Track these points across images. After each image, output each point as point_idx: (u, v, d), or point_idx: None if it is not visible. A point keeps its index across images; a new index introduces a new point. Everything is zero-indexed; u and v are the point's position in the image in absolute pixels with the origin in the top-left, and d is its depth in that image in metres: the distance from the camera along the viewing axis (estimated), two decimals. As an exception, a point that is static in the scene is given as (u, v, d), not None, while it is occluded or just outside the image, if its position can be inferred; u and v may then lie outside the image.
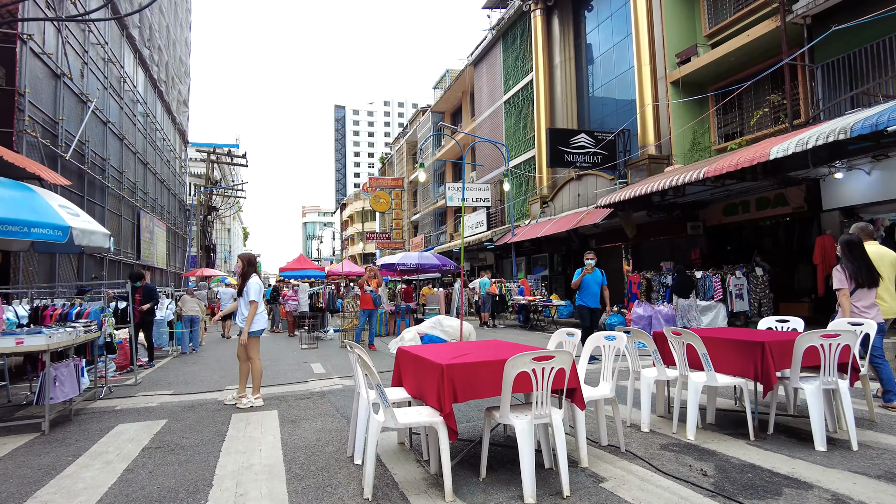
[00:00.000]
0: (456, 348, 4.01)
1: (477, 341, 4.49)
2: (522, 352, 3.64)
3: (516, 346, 4.03)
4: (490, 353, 3.70)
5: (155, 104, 23.02)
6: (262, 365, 5.99)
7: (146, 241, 20.61)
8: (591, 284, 8.84)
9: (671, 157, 16.41)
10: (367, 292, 10.77)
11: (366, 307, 10.89)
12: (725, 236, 15.95)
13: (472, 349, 3.92)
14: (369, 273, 11.27)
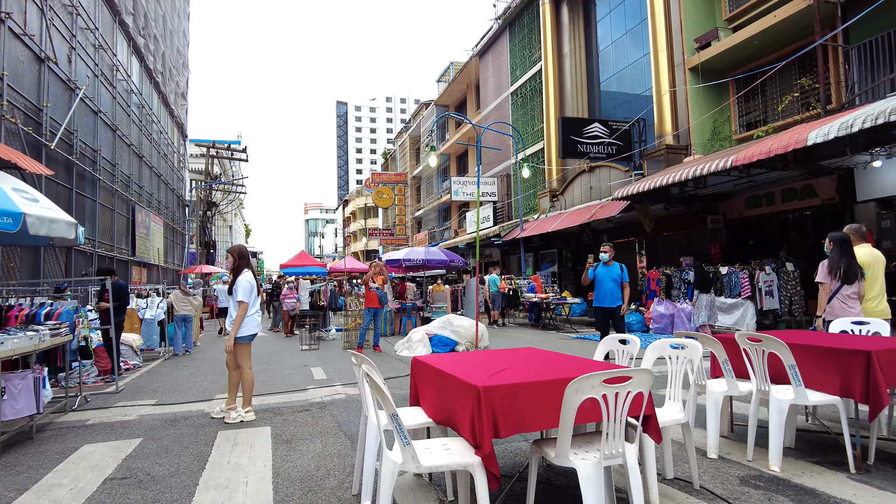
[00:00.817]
0: (487, 360, 3.25)
1: (509, 350, 3.73)
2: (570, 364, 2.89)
3: (559, 358, 3.27)
4: (534, 367, 2.93)
5: (151, 95, 22.27)
6: (253, 374, 5.24)
7: (141, 237, 19.89)
8: (603, 280, 7.53)
9: (690, 147, 15.61)
10: (373, 290, 10.00)
11: (371, 305, 10.13)
12: (747, 230, 15.16)
13: (507, 361, 3.16)
14: (374, 269, 10.51)
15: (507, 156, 26.55)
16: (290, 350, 11.13)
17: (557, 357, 3.31)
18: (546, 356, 3.36)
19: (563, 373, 2.66)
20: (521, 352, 3.63)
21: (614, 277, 7.54)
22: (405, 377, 7.11)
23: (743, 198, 14.64)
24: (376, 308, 10.20)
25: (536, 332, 13.64)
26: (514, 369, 2.85)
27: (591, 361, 3.15)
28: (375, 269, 10.54)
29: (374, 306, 10.15)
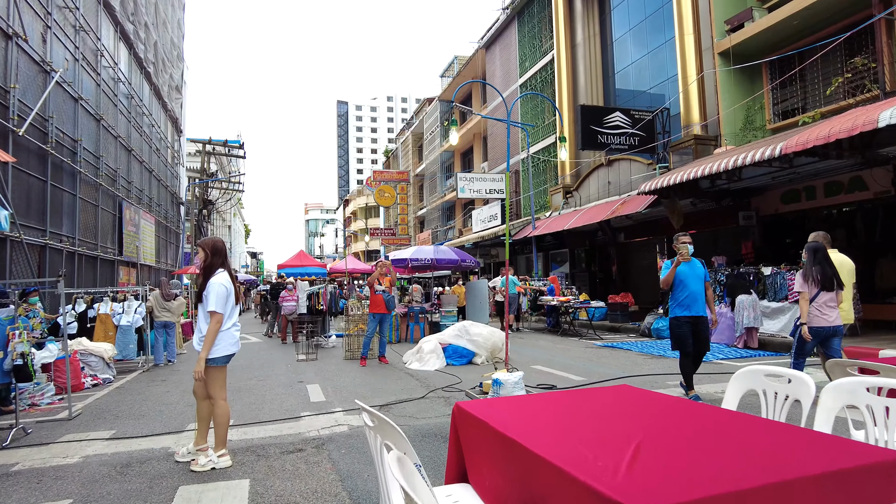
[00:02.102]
0: (583, 414, 2.04)
1: (604, 390, 2.54)
2: (771, 437, 1.70)
3: (720, 416, 2.06)
4: (695, 439, 1.72)
5: (141, 86, 21.07)
6: (228, 407, 4.05)
7: (130, 235, 18.69)
8: (688, 281, 5.76)
9: (720, 137, 14.42)
10: (379, 293, 8.77)
11: (377, 311, 8.91)
12: (783, 227, 13.97)
13: (624, 419, 1.96)
14: (381, 269, 9.30)
15: (516, 150, 25.36)
16: (286, 360, 9.93)
17: (714, 414, 2.10)
18: (692, 412, 2.14)
19: (789, 467, 1.45)
20: (628, 396, 2.42)
21: (700, 276, 5.86)
22: (420, 400, 5.92)
23: (779, 192, 13.47)
24: (383, 314, 8.97)
25: (557, 340, 12.44)
26: (656, 444, 1.64)
27: (786, 427, 1.93)
28: (381, 270, 9.32)
29: (380, 312, 8.92)
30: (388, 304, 8.97)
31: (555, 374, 7.48)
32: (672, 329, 5.87)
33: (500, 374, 5.49)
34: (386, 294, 8.93)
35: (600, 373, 7.55)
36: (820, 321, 5.22)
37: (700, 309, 5.75)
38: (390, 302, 9.09)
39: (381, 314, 8.97)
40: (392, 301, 9.20)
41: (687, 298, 5.76)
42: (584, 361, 8.82)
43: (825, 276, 5.24)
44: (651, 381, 6.84)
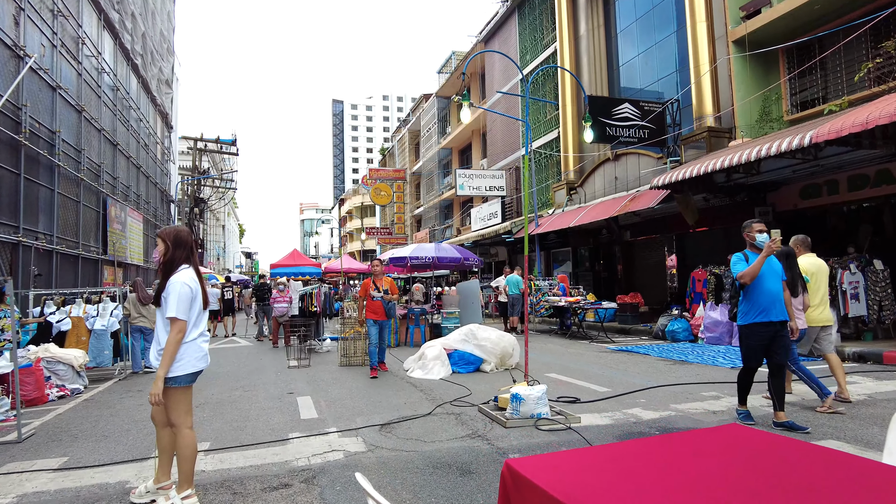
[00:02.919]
0: (718, 480, 1.29)
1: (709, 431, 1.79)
2: None
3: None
4: None
5: (128, 78, 20.25)
6: (194, 437, 3.28)
7: (115, 234, 17.87)
8: (767, 278, 4.79)
9: (734, 129, 13.72)
10: (377, 299, 7.96)
11: (375, 317, 7.97)
12: (802, 223, 13.25)
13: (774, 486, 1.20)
14: (377, 269, 8.48)
15: (516, 147, 24.63)
16: (276, 367, 9.15)
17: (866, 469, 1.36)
18: (857, 471, 1.39)
19: None
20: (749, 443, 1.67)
21: (778, 274, 4.91)
22: (427, 418, 5.16)
23: (798, 187, 12.78)
24: (382, 321, 8.07)
25: (566, 343, 11.71)
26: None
27: None
28: (378, 269, 8.47)
29: (379, 319, 8.01)
30: (388, 311, 8.07)
31: (575, 385, 6.74)
32: (743, 338, 4.93)
33: (520, 388, 4.75)
34: (383, 300, 8.01)
35: (625, 382, 6.81)
36: None
37: (780, 312, 4.76)
38: (391, 309, 8.17)
39: (381, 321, 8.07)
40: (393, 308, 8.25)
41: (765, 300, 4.74)
42: (602, 367, 8.09)
43: (791, 281, 5.27)
44: (683, 393, 6.11)
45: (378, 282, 8.17)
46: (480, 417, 5.06)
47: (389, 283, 8.26)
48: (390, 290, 8.13)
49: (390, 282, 8.30)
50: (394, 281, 8.60)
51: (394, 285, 8.26)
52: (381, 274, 8.40)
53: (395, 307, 8.41)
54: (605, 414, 5.14)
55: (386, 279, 8.29)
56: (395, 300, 8.22)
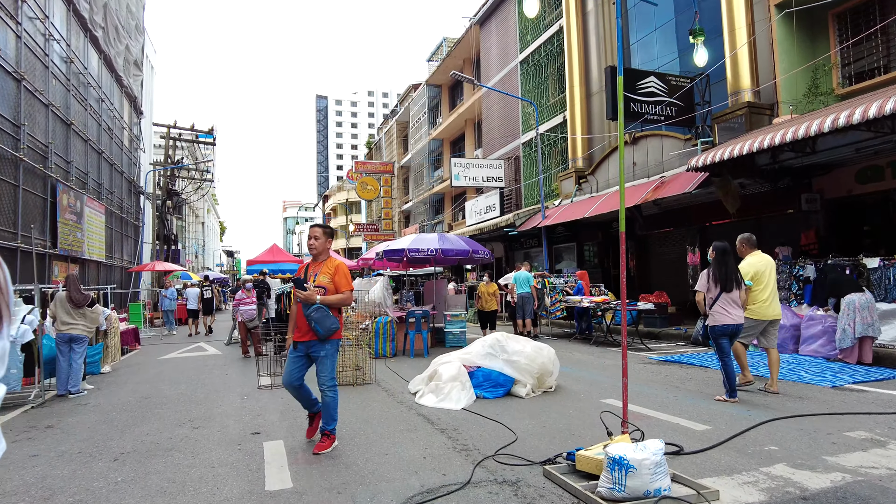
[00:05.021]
0: None
1: None
2: None
3: None
4: None
5: (86, 51, 18.03)
6: None
7: (68, 225, 15.70)
8: None
9: (777, 105, 12.04)
10: (307, 295, 4.27)
11: (296, 336, 4.40)
12: (857, 211, 11.65)
13: None
14: (314, 242, 4.56)
15: (515, 134, 22.82)
16: (243, 386, 7.20)
17: None
18: None
19: None
20: None
21: None
22: (465, 490, 3.27)
23: (853, 169, 11.11)
24: (308, 342, 4.32)
25: (595, 351, 9.90)
26: None
27: None
28: (317, 242, 4.55)
29: (302, 338, 4.33)
30: (312, 322, 4.18)
31: (652, 418, 4.89)
32: None
33: (623, 448, 2.90)
34: (306, 305, 4.23)
35: (717, 412, 5.01)
36: (725, 319, 5.56)
37: None
38: (321, 320, 4.17)
39: (305, 341, 4.31)
40: (325, 319, 4.18)
41: None
42: (664, 388, 6.29)
43: (724, 277, 5.58)
44: (822, 431, 4.33)
45: (315, 268, 4.50)
46: (552, 489, 3.19)
47: (336, 270, 4.40)
48: (333, 282, 4.34)
49: (337, 269, 4.41)
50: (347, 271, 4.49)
51: (343, 276, 4.39)
52: (324, 252, 4.55)
53: (327, 317, 4.18)
54: (743, 479, 3.31)
55: (332, 264, 4.46)
56: (338, 303, 4.32)
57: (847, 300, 7.77)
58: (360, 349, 7.43)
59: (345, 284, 4.39)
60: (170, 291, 18.42)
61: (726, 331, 5.56)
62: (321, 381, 4.27)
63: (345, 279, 4.40)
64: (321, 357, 4.28)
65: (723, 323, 5.54)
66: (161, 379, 8.02)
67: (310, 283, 4.32)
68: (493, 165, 22.50)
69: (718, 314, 5.56)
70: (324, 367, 4.28)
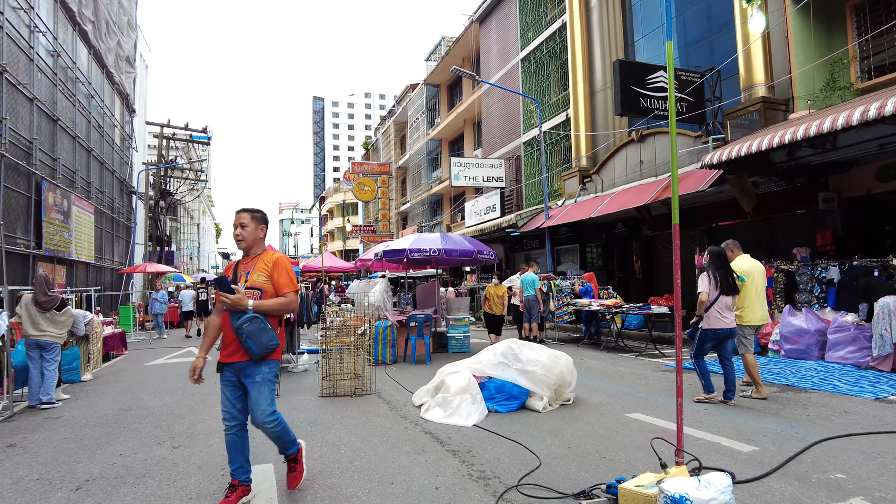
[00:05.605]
0: None
1: None
2: None
3: None
4: None
5: (74, 45, 17.46)
6: None
7: (54, 225, 15.12)
8: None
9: (792, 101, 11.57)
10: (234, 301, 3.18)
11: (233, 359, 3.26)
12: (877, 211, 11.16)
13: None
14: (242, 232, 3.44)
15: (516, 133, 22.33)
16: (232, 396, 6.65)
17: None
18: None
19: None
20: None
21: None
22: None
23: (873, 167, 10.63)
24: (237, 364, 3.25)
25: (606, 357, 9.38)
26: None
27: None
28: (245, 233, 3.42)
29: (231, 359, 3.25)
30: (242, 337, 3.13)
31: (689, 437, 4.35)
32: None
33: (684, 484, 2.36)
34: (233, 312, 3.20)
35: (759, 428, 4.49)
36: (720, 323, 5.56)
37: None
38: (253, 334, 3.13)
39: (235, 363, 3.25)
40: (259, 332, 3.14)
41: None
42: (691, 399, 5.76)
43: (725, 281, 5.56)
44: (888, 454, 3.78)
45: (247, 264, 3.42)
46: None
47: (275, 266, 3.36)
48: (272, 282, 3.31)
49: (277, 264, 3.37)
50: (290, 266, 3.47)
51: (284, 273, 3.35)
52: (256, 244, 3.47)
53: (263, 330, 3.17)
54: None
55: (269, 258, 3.38)
56: (278, 309, 3.30)
57: (881, 304, 7.27)
58: (359, 355, 6.89)
59: (287, 284, 3.32)
60: (160, 294, 17.83)
61: (718, 335, 5.58)
62: (257, 415, 3.17)
63: (287, 277, 3.35)
64: (256, 383, 3.20)
65: (717, 327, 5.54)
66: (144, 387, 7.45)
67: (240, 285, 3.26)
68: (493, 165, 22.00)
69: (714, 317, 5.56)
70: (260, 396, 3.20)
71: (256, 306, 3.18)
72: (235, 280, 3.33)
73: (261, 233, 3.52)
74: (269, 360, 3.27)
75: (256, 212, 3.51)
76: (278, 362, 3.39)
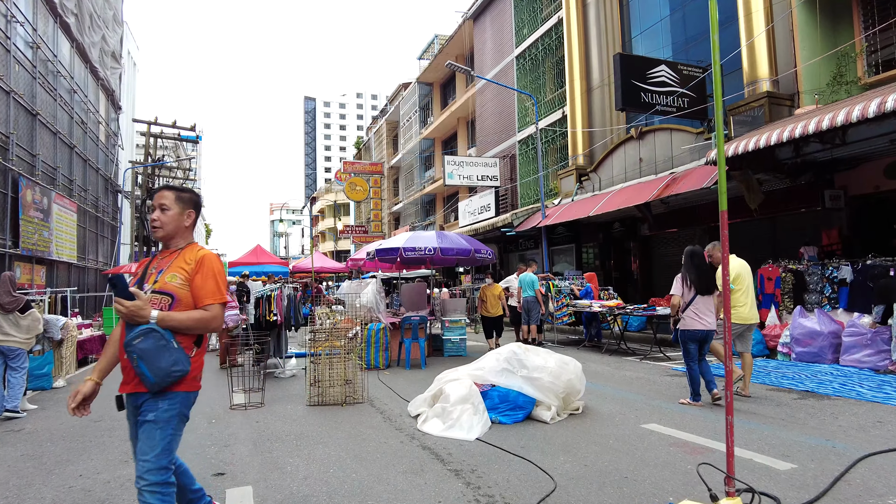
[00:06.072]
0: None
1: None
2: None
3: None
4: None
5: (55, 37, 16.89)
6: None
7: (32, 224, 14.56)
8: None
9: (798, 95, 11.24)
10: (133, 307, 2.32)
11: (123, 384, 2.42)
12: (884, 209, 10.85)
13: None
14: (160, 216, 2.59)
15: (511, 132, 21.94)
16: (213, 406, 6.17)
17: None
18: None
19: None
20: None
21: None
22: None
23: (881, 164, 10.32)
24: (133, 396, 2.42)
25: (609, 360, 8.98)
26: None
27: None
28: (163, 217, 2.59)
29: (127, 388, 2.41)
30: (134, 359, 2.27)
31: (718, 452, 3.94)
32: None
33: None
34: (148, 335, 2.27)
35: (798, 444, 4.08)
36: (695, 324, 5.52)
37: None
38: (156, 353, 2.27)
39: (131, 395, 2.42)
40: (160, 352, 2.27)
41: None
42: (708, 408, 5.38)
43: (700, 280, 5.50)
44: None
45: (163, 260, 2.58)
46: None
47: (199, 265, 2.50)
48: (191, 286, 2.47)
49: (202, 263, 2.51)
50: (220, 268, 2.59)
51: (210, 276, 2.49)
52: (179, 233, 2.63)
53: (165, 350, 2.28)
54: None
55: (192, 255, 2.55)
56: (192, 326, 2.41)
57: (899, 306, 6.92)
58: (350, 360, 6.45)
59: (211, 293, 2.44)
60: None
61: (695, 336, 5.52)
62: (137, 468, 2.31)
63: (213, 284, 2.46)
64: (147, 423, 2.32)
65: (692, 328, 5.50)
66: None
67: (147, 286, 2.42)
68: (487, 164, 21.60)
69: (689, 319, 5.52)
70: (147, 442, 2.30)
71: (161, 318, 2.30)
72: (144, 279, 2.48)
73: (187, 220, 2.65)
74: (172, 394, 2.35)
75: (184, 192, 2.69)
76: (187, 397, 2.44)
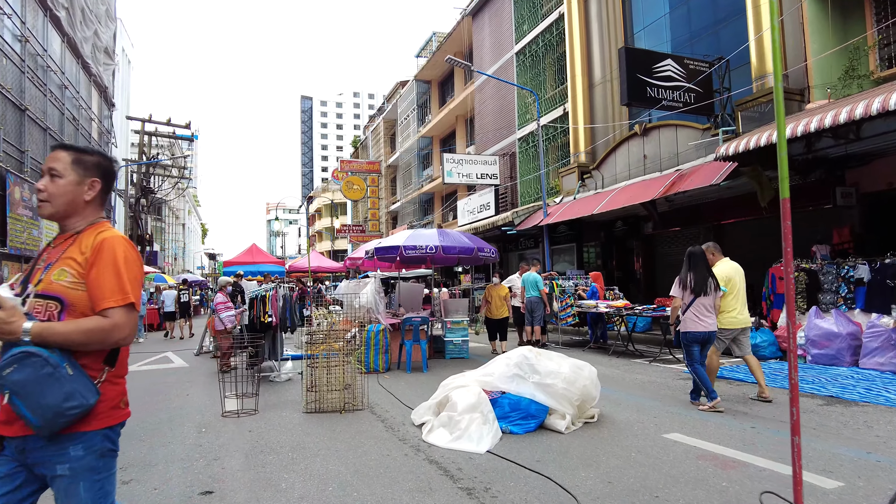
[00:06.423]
0: None
1: None
2: None
3: None
4: None
5: (45, 32, 16.49)
6: None
7: (21, 221, 14.18)
8: None
9: (808, 90, 10.95)
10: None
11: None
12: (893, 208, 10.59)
13: None
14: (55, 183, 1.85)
15: (511, 129, 21.62)
16: (203, 413, 5.81)
17: None
18: None
19: None
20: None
21: None
22: None
23: (894, 160, 10.03)
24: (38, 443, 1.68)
25: (616, 364, 8.66)
26: None
27: None
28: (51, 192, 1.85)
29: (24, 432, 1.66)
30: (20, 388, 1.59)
31: (753, 467, 3.61)
32: None
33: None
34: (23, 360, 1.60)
35: (837, 456, 3.76)
36: (696, 326, 5.40)
37: None
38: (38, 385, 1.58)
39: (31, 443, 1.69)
40: (44, 383, 1.59)
41: None
42: (731, 416, 5.05)
43: (698, 282, 5.38)
44: None
45: (55, 250, 1.83)
46: None
47: (97, 254, 1.73)
48: (89, 283, 1.72)
49: (100, 251, 1.74)
50: (132, 256, 1.79)
51: (108, 269, 1.72)
52: (76, 212, 1.85)
53: (52, 380, 1.59)
54: None
55: (89, 240, 1.78)
56: (85, 340, 1.67)
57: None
58: (348, 363, 6.11)
59: (112, 291, 1.72)
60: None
61: (697, 338, 5.42)
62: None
63: (112, 276, 1.73)
64: (61, 479, 1.69)
65: (693, 330, 5.40)
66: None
67: (31, 287, 1.75)
68: (487, 162, 21.26)
69: (690, 321, 5.42)
70: (73, 499, 1.70)
71: (38, 333, 1.62)
72: (28, 279, 1.79)
73: (89, 192, 1.86)
74: (83, 435, 1.70)
75: (87, 153, 1.89)
76: (107, 436, 1.76)
